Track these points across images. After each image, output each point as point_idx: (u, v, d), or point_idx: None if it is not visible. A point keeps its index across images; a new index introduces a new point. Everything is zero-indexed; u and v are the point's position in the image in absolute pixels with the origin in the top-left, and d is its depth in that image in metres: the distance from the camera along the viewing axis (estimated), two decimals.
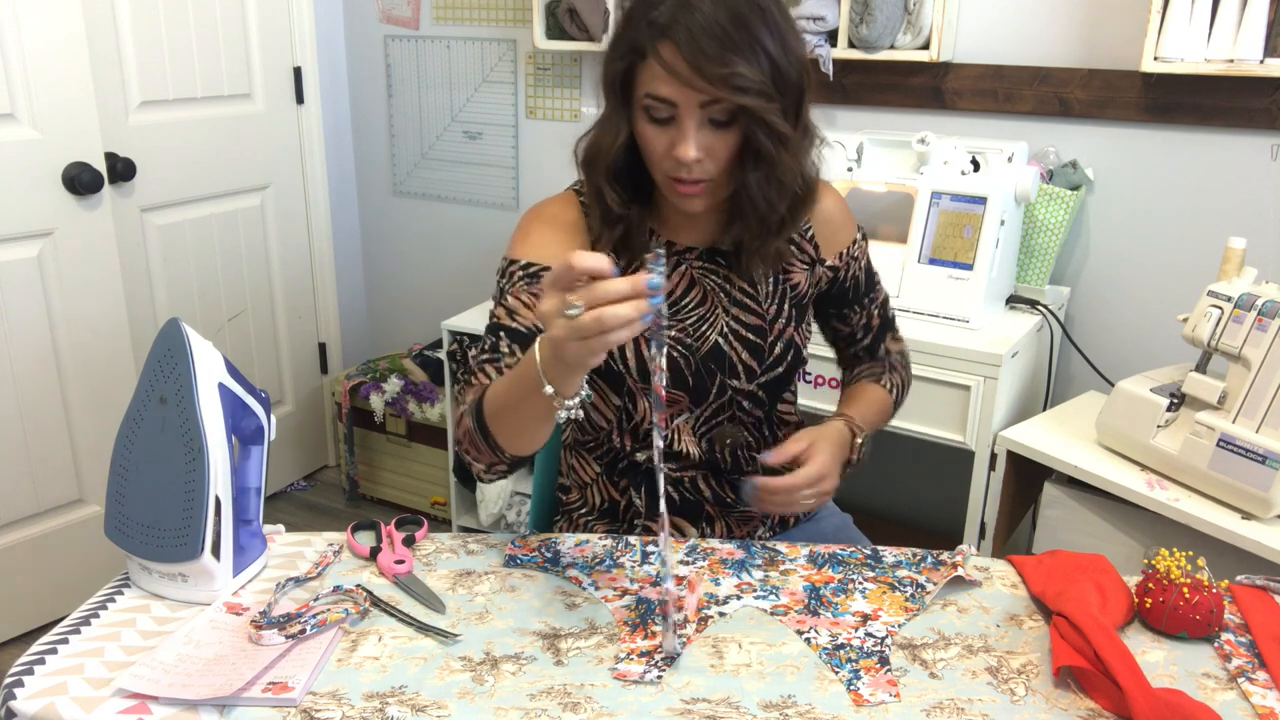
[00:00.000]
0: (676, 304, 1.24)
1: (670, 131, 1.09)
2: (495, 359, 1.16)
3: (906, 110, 2.31)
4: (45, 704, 0.88)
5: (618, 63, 1.11)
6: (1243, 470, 1.51)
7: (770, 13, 1.08)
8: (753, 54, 1.05)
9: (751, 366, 1.26)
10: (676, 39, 1.04)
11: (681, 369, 1.24)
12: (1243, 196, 2.03)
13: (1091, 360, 2.18)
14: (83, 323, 2.26)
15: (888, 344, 1.44)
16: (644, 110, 1.10)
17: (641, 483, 1.33)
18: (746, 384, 1.27)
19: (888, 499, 2.55)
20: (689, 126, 1.08)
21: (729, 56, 1.04)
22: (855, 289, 1.36)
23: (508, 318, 1.18)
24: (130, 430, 1.03)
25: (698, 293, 1.25)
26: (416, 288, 3.20)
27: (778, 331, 1.27)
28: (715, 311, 1.25)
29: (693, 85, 1.05)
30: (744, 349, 1.26)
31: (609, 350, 1.17)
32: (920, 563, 1.15)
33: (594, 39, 2.44)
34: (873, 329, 1.41)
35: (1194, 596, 1.00)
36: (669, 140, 1.10)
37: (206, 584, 1.03)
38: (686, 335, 1.24)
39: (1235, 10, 1.82)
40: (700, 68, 1.04)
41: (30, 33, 2.04)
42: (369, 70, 3.04)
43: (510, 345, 1.16)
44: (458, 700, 0.90)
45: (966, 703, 0.91)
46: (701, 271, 1.25)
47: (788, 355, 1.28)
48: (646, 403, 1.26)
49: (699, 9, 1.04)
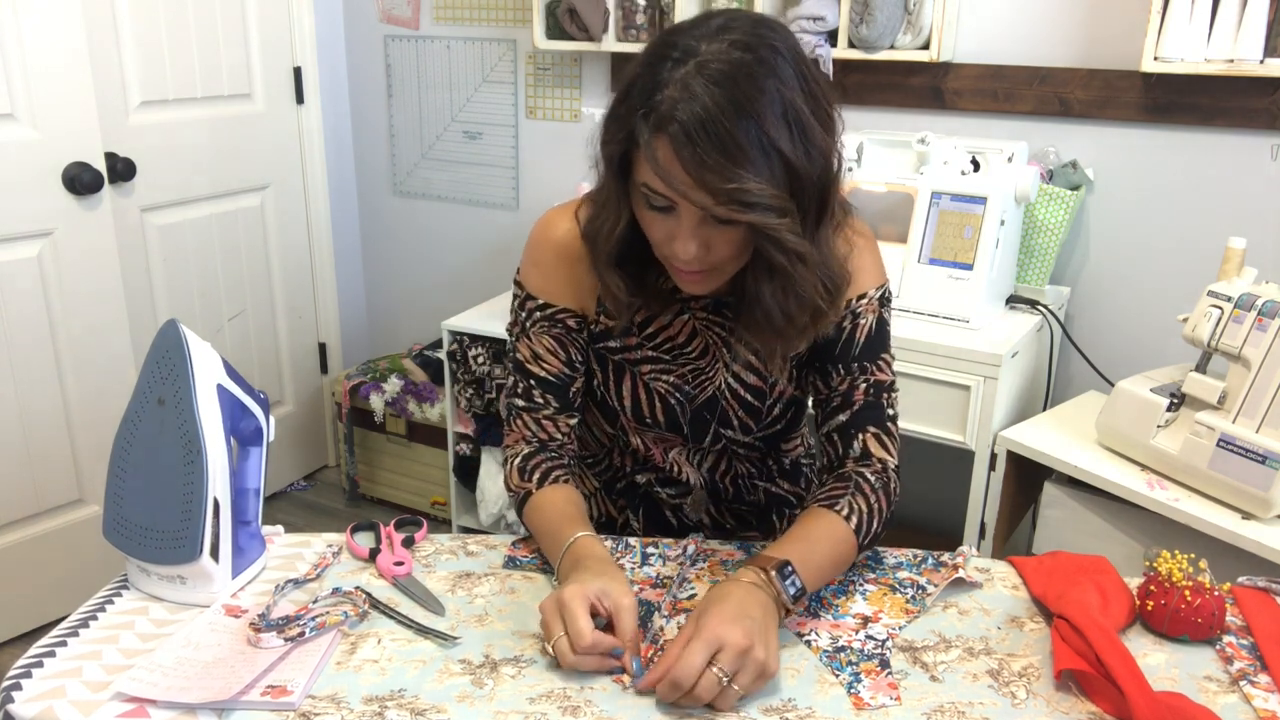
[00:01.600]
0: (677, 350, 1.18)
1: (670, 221, 0.97)
2: (532, 409, 1.18)
3: (906, 110, 2.31)
4: (44, 707, 0.88)
5: (613, 145, 0.98)
6: (1243, 470, 1.51)
7: (786, 96, 0.91)
8: (764, 158, 0.89)
9: (748, 424, 1.21)
10: (674, 138, 0.89)
11: (676, 415, 1.20)
12: (1243, 196, 2.02)
13: (1091, 360, 2.18)
14: (83, 323, 2.26)
15: (867, 439, 1.12)
16: (642, 194, 0.97)
17: (639, 504, 1.32)
18: (742, 436, 1.22)
19: None
20: (686, 226, 0.96)
21: (733, 170, 0.89)
22: (846, 347, 1.12)
23: (534, 363, 1.18)
24: (129, 432, 1.02)
25: (699, 344, 1.17)
26: (416, 288, 3.20)
27: (778, 393, 1.19)
28: (716, 366, 1.18)
29: (689, 198, 0.92)
30: (741, 408, 1.19)
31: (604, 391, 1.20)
32: (921, 564, 1.15)
33: (594, 39, 2.44)
34: (852, 405, 1.12)
35: (1195, 599, 1.00)
36: (668, 230, 0.98)
37: (205, 586, 1.03)
38: (685, 382, 1.18)
39: (1235, 10, 1.82)
40: (701, 179, 0.90)
41: (30, 33, 2.04)
42: (369, 70, 3.04)
43: (544, 395, 1.18)
44: (457, 704, 0.89)
45: (967, 706, 0.90)
46: (705, 323, 1.16)
47: (787, 414, 1.22)
48: (640, 440, 1.24)
49: (699, 99, 0.88)
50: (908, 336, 1.92)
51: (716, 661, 0.87)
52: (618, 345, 1.19)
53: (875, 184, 2.13)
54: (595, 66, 2.68)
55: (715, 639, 0.87)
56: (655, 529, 1.32)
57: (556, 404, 1.18)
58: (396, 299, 3.26)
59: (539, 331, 1.17)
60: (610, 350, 1.19)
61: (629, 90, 0.95)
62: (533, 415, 1.18)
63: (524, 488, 1.16)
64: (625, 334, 1.17)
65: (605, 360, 1.20)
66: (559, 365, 1.17)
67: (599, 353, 1.20)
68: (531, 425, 1.18)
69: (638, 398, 1.19)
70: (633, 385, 1.19)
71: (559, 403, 1.18)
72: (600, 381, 1.21)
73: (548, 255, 1.16)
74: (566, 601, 0.92)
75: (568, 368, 1.18)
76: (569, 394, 1.19)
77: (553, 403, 1.18)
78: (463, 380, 2.51)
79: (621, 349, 1.19)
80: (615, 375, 1.19)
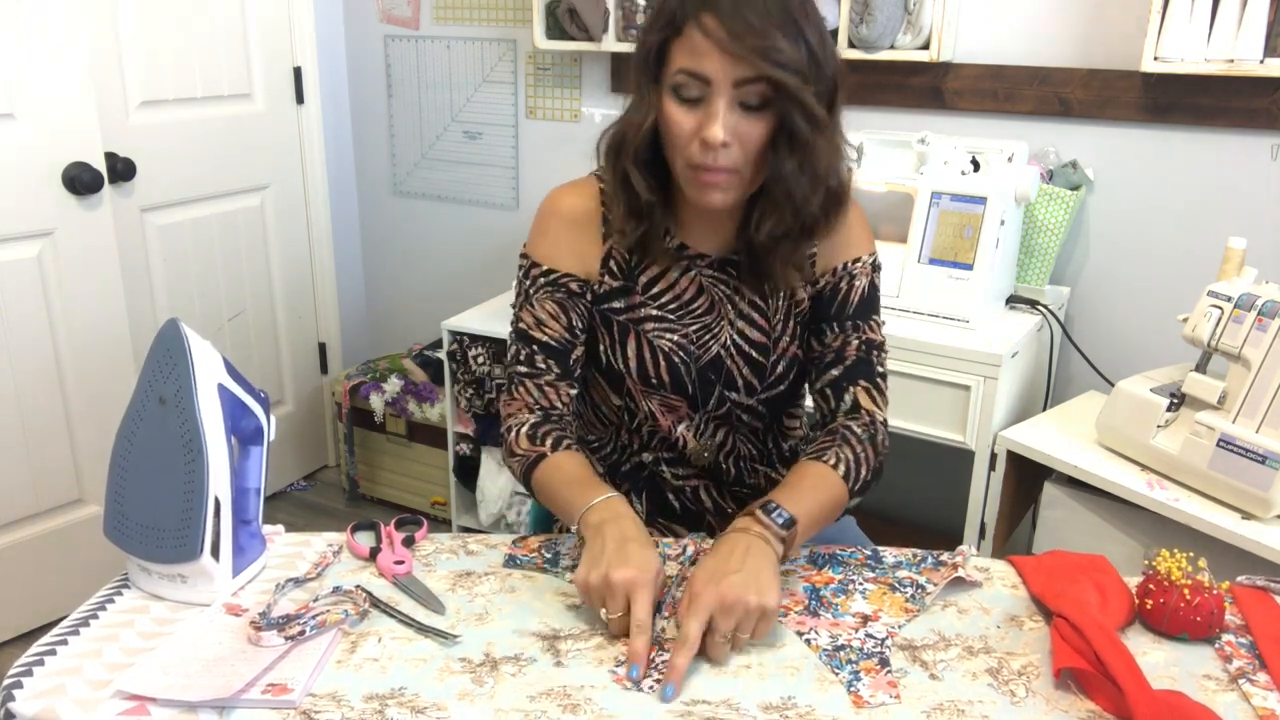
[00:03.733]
0: (682, 308, 1.23)
1: (698, 113, 1.06)
2: (534, 375, 1.20)
3: (906, 110, 2.31)
4: (44, 705, 0.88)
5: (652, 36, 1.08)
6: (1243, 470, 1.51)
7: (811, 7, 1.07)
8: (794, 34, 1.03)
9: (752, 383, 1.24)
10: (719, 9, 1.02)
11: (681, 375, 1.23)
12: (1243, 196, 2.03)
13: (1091, 360, 2.18)
14: (83, 323, 2.26)
15: (857, 392, 1.20)
16: (673, 90, 1.07)
17: (643, 487, 1.32)
18: (746, 398, 1.25)
19: (888, 499, 2.55)
20: (719, 105, 1.04)
21: (771, 31, 1.02)
22: (842, 307, 1.22)
23: (537, 328, 1.20)
24: (129, 431, 1.03)
25: (705, 300, 1.23)
26: (416, 288, 3.20)
27: (781, 350, 1.24)
28: (721, 322, 1.23)
29: (731, 52, 1.02)
30: (745, 365, 1.24)
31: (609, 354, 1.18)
32: (920, 563, 1.15)
33: (594, 39, 2.44)
34: (844, 360, 1.21)
35: (1195, 598, 1.00)
36: (696, 122, 1.06)
37: (206, 585, 1.03)
38: (689, 341, 1.23)
39: (1235, 10, 1.82)
40: (741, 37, 1.01)
41: (30, 33, 2.04)
42: (369, 70, 3.04)
43: (546, 361, 1.20)
44: (457, 702, 0.89)
45: (967, 704, 0.90)
46: (711, 280, 1.23)
47: (790, 374, 1.26)
48: (647, 406, 1.26)
49: None
50: (908, 336, 1.92)
51: (714, 625, 0.93)
52: (622, 305, 1.22)
53: (875, 184, 2.13)
54: (595, 66, 2.68)
55: (704, 607, 0.93)
56: (659, 513, 1.33)
57: (558, 369, 1.20)
58: (396, 299, 3.26)
59: (542, 297, 1.20)
60: (615, 311, 1.22)
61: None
62: (534, 381, 1.20)
63: (536, 450, 1.15)
64: (629, 286, 1.21)
65: (610, 322, 1.22)
66: (560, 330, 1.20)
67: (604, 315, 1.22)
68: (534, 391, 1.20)
69: (643, 357, 1.22)
70: (637, 345, 1.22)
71: (560, 368, 1.20)
72: (607, 345, 1.23)
73: (554, 222, 1.22)
74: (639, 585, 0.96)
75: (569, 333, 1.20)
76: (569, 361, 1.21)
77: (554, 368, 1.20)
78: (463, 380, 2.51)
79: (626, 308, 1.22)
80: (620, 336, 1.22)
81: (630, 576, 0.96)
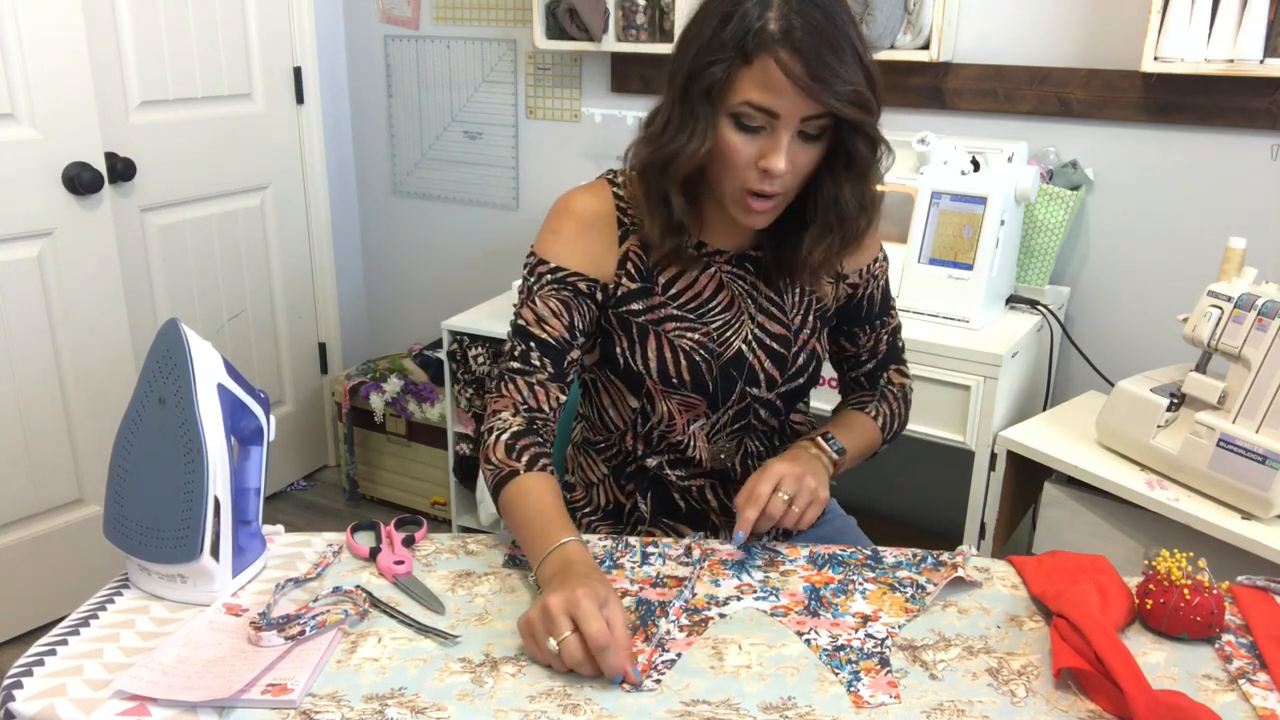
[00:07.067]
0: (702, 306, 1.23)
1: (759, 141, 1.07)
2: (527, 372, 1.18)
3: (906, 110, 2.31)
4: (44, 705, 0.88)
5: (715, 67, 1.05)
6: (1243, 470, 1.51)
7: (856, 19, 1.08)
8: (860, 68, 1.05)
9: (773, 376, 1.26)
10: (801, 48, 1.01)
11: (702, 373, 1.23)
12: (1243, 196, 2.03)
13: (1091, 360, 2.18)
14: (83, 323, 2.26)
15: (890, 374, 1.39)
16: (733, 118, 1.07)
17: (648, 488, 1.32)
18: (767, 393, 1.26)
19: (887, 499, 2.55)
20: (784, 139, 1.06)
21: (845, 70, 1.03)
22: (870, 309, 1.33)
23: (537, 325, 1.19)
24: (129, 431, 1.03)
25: (725, 296, 1.24)
26: (416, 288, 3.20)
27: (802, 342, 1.26)
28: (741, 318, 1.24)
29: (810, 93, 1.02)
30: (767, 357, 1.25)
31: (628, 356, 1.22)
32: (920, 563, 1.15)
33: (594, 39, 2.44)
34: (878, 354, 1.36)
35: (1195, 598, 1.00)
36: (757, 151, 1.07)
37: (206, 585, 1.03)
38: (710, 339, 1.23)
39: (1235, 10, 1.82)
40: (824, 80, 1.02)
41: (30, 32, 2.04)
42: (369, 70, 3.04)
43: (541, 359, 1.18)
44: (457, 702, 0.89)
45: (967, 704, 0.90)
46: (730, 276, 1.24)
47: (809, 366, 1.28)
48: (665, 407, 1.25)
49: (809, 15, 1.02)
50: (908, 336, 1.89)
51: (780, 488, 1.12)
52: (642, 306, 1.21)
53: None
54: (595, 66, 2.68)
55: (775, 473, 1.12)
56: (664, 513, 1.33)
57: (551, 369, 1.18)
58: (396, 299, 3.26)
59: (547, 294, 1.19)
60: (634, 313, 1.22)
61: (725, 21, 1.05)
62: (525, 379, 1.18)
63: (510, 465, 1.12)
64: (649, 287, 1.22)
65: (629, 324, 1.22)
66: (560, 328, 1.18)
67: (623, 317, 1.22)
68: (523, 389, 1.17)
69: (663, 357, 1.22)
70: (658, 345, 1.22)
71: (554, 369, 1.18)
72: (625, 348, 1.22)
73: (567, 222, 1.22)
74: (580, 600, 0.91)
75: (568, 332, 1.19)
76: (564, 362, 1.19)
77: (548, 367, 1.18)
78: (463, 380, 2.51)
79: (646, 309, 1.21)
80: (640, 337, 1.22)
81: (566, 596, 0.92)
